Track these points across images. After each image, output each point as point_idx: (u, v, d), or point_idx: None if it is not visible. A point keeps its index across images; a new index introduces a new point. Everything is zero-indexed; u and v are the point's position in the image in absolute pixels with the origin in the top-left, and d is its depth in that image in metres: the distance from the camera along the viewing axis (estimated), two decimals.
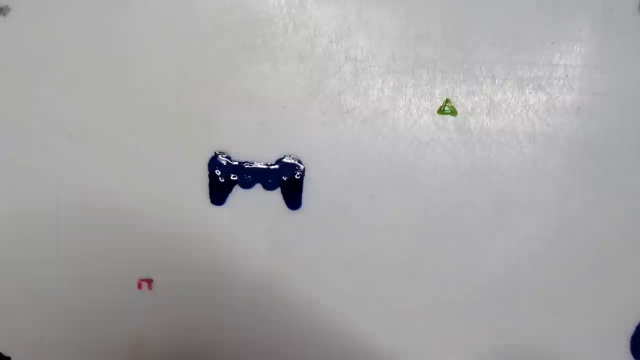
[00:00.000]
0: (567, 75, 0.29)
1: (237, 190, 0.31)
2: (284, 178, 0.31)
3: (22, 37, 0.29)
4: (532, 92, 0.30)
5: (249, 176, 0.31)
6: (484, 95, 0.30)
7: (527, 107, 0.30)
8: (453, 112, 0.30)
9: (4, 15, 0.29)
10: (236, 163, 0.31)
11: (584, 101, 0.30)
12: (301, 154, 0.31)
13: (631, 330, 0.33)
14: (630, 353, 0.33)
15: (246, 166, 0.31)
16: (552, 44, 0.29)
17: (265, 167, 0.31)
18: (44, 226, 0.31)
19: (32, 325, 0.33)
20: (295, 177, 0.31)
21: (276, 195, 0.31)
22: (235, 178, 0.31)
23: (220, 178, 0.31)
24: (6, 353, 0.33)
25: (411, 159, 0.30)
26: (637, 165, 0.30)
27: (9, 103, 0.30)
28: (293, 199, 0.31)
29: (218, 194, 0.31)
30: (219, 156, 0.31)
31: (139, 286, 0.32)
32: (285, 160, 0.31)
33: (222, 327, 0.33)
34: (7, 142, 0.30)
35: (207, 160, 0.31)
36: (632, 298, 0.32)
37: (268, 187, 0.31)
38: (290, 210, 0.31)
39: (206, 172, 0.31)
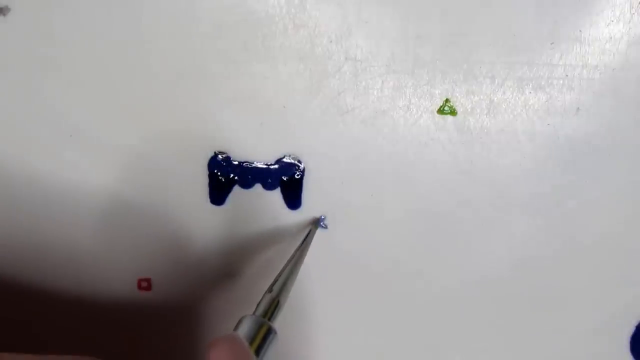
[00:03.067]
0: (567, 75, 0.29)
1: (237, 190, 0.31)
2: (284, 178, 0.31)
3: (22, 37, 0.29)
4: (532, 92, 0.30)
5: (248, 176, 0.31)
6: (483, 95, 0.30)
7: (527, 107, 0.30)
8: (453, 112, 0.30)
9: (4, 15, 0.29)
10: (236, 163, 0.31)
11: (584, 101, 0.30)
12: (301, 154, 0.31)
13: (631, 330, 0.33)
14: (630, 353, 0.33)
15: (246, 166, 0.31)
16: (552, 44, 0.29)
17: (265, 167, 0.31)
18: (44, 226, 0.31)
19: (32, 324, 0.33)
20: (295, 177, 0.31)
21: (276, 195, 0.31)
22: (235, 178, 0.31)
23: (220, 178, 0.31)
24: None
25: (411, 159, 0.30)
26: (636, 165, 0.30)
27: (9, 103, 0.30)
28: (293, 199, 0.31)
29: (218, 193, 0.31)
30: (219, 156, 0.31)
31: (139, 286, 0.32)
32: (285, 160, 0.31)
33: (222, 327, 0.33)
34: (7, 142, 0.30)
35: (207, 160, 0.31)
36: (632, 298, 0.32)
37: (268, 187, 0.31)
38: (290, 210, 0.31)
39: (206, 172, 0.31)
